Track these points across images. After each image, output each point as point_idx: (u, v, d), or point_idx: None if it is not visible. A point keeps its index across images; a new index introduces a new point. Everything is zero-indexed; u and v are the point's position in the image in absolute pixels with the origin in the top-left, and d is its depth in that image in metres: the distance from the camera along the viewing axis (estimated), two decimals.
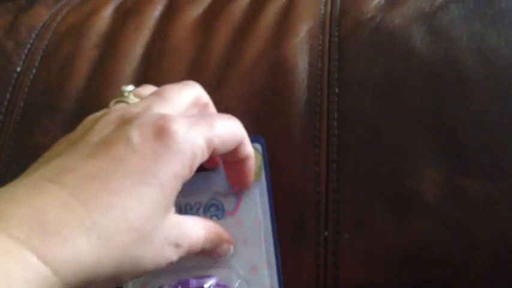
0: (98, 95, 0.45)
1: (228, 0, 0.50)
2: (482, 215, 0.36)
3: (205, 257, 0.34)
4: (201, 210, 0.37)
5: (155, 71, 0.45)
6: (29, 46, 0.47)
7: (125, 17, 0.50)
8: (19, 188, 0.25)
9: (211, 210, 0.37)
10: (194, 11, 0.50)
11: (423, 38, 0.41)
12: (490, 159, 0.36)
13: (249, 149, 0.35)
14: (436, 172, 0.37)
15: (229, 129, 0.32)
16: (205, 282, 0.35)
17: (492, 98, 0.37)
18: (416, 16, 0.42)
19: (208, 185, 0.38)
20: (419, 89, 0.39)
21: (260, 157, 0.38)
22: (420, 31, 0.41)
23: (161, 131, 0.28)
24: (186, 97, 0.34)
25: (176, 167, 0.28)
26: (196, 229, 0.32)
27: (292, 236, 0.37)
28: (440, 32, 0.41)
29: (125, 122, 0.29)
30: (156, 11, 0.50)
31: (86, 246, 0.24)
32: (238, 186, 0.37)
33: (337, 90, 0.41)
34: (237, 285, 0.35)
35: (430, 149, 0.38)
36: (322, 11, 0.46)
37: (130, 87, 0.36)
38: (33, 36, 0.48)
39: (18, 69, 0.46)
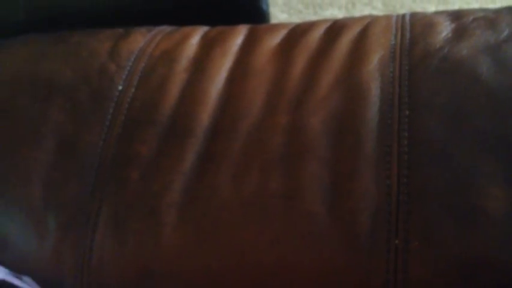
0: (187, 112, 0.50)
1: (303, 31, 0.56)
2: None
3: None
4: None
5: (238, 92, 0.51)
6: (128, 68, 0.53)
7: (210, 44, 0.56)
8: None
9: None
10: (273, 40, 0.55)
11: (489, 67, 0.44)
12: None
13: None
14: (501, 190, 0.40)
15: None
16: None
17: None
18: (482, 48, 0.46)
19: None
20: (485, 113, 0.43)
21: None
22: (486, 61, 0.45)
23: None
24: None
25: None
26: None
27: (365, 243, 0.41)
28: (505, 63, 0.44)
29: None
30: (238, 39, 0.56)
31: None
32: None
33: (407, 113, 0.45)
34: None
35: (495, 168, 0.41)
36: (393, 42, 0.50)
37: None
38: (132, 59, 0.54)
39: (120, 88, 0.52)
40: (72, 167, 0.48)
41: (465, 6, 1.48)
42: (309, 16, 1.57)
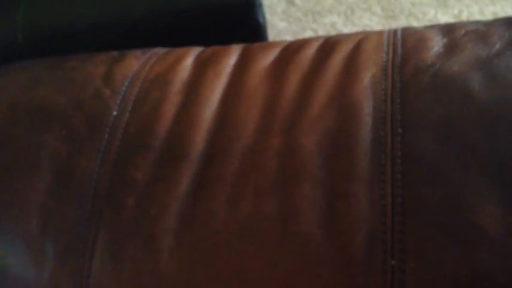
0: (181, 135, 0.50)
1: (296, 50, 0.56)
2: None
3: None
4: None
5: (232, 114, 0.51)
6: (122, 93, 0.54)
7: (204, 65, 0.56)
8: None
9: None
10: (266, 60, 0.55)
11: (481, 83, 0.44)
12: None
13: None
14: (496, 207, 0.40)
15: None
16: None
17: None
18: (474, 63, 0.46)
19: None
20: (478, 130, 0.43)
21: None
22: (478, 76, 0.45)
23: None
24: None
25: None
26: None
27: (360, 264, 0.41)
28: (497, 78, 0.44)
29: None
30: (231, 60, 0.56)
31: None
32: None
33: (400, 131, 0.44)
34: None
35: (489, 185, 0.41)
36: (384, 59, 0.50)
37: None
38: (126, 84, 0.54)
39: (115, 113, 0.52)
40: (68, 195, 0.49)
41: (464, 9, 1.48)
42: (308, 24, 1.57)
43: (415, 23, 1.47)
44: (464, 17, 1.46)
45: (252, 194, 0.45)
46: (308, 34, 1.52)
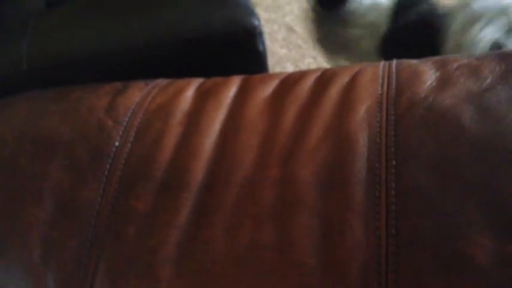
0: (182, 166, 0.51)
1: (294, 82, 0.57)
2: None
3: None
4: None
5: (231, 145, 0.52)
6: (125, 123, 0.55)
7: (204, 97, 0.58)
8: None
9: None
10: (264, 92, 0.57)
11: (472, 116, 0.46)
12: None
13: None
14: (488, 239, 0.41)
15: None
16: None
17: None
18: (466, 96, 0.47)
19: None
20: (470, 162, 0.44)
21: None
22: (469, 110, 0.46)
23: None
24: None
25: None
26: None
27: None
28: (488, 111, 0.45)
29: None
30: (231, 92, 0.58)
31: None
32: None
33: (394, 162, 0.46)
34: None
35: (481, 217, 0.42)
36: (379, 91, 0.51)
37: None
38: (129, 115, 0.56)
39: (117, 143, 0.54)
40: (70, 225, 0.50)
41: None
42: (308, 51, 1.60)
43: None
44: None
45: (250, 224, 0.46)
46: (308, 61, 1.55)
